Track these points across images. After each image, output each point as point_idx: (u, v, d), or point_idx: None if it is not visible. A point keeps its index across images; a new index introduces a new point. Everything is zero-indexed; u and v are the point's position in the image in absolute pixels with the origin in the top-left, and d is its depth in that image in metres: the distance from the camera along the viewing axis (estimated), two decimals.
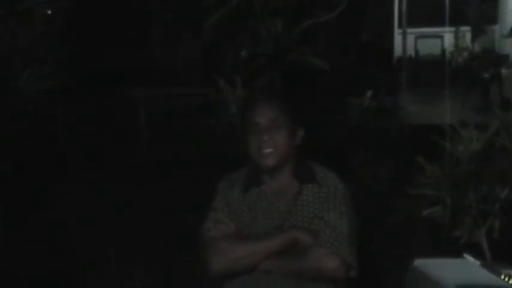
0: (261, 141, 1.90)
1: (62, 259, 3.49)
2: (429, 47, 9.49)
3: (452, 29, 8.91)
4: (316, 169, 1.99)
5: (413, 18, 9.25)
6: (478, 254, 2.18)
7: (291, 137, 1.94)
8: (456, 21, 8.42)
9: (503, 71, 7.54)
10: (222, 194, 2.00)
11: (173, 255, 3.45)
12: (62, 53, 5.18)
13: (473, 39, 8.21)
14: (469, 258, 1.96)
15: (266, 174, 1.96)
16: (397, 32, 9.43)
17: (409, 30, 9.32)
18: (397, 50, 9.34)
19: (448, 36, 9.20)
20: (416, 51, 9.55)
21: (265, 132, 1.90)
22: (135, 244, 3.68)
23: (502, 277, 1.83)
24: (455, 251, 2.31)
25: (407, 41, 9.35)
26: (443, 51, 9.34)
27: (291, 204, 1.95)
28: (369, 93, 4.35)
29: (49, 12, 5.19)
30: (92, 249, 3.63)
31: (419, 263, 2.17)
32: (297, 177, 1.96)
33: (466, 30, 8.56)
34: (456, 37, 8.90)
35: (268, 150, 1.90)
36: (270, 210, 1.95)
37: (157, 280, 3.30)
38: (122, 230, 3.77)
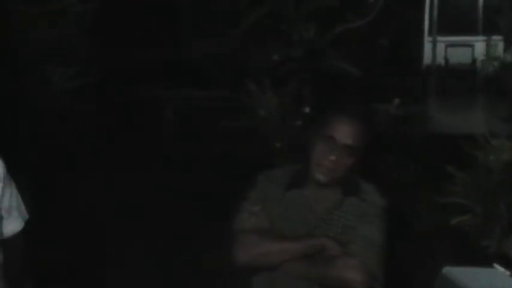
0: (327, 158, 1.89)
1: (92, 250, 3.56)
2: (459, 56, 9.41)
3: (484, 38, 8.82)
4: (359, 182, 2.00)
5: (444, 27, 9.19)
6: (507, 264, 2.15)
7: (355, 161, 1.93)
8: (488, 30, 8.35)
9: None
10: (260, 188, 2.00)
11: (201, 248, 3.48)
12: (93, 52, 5.27)
13: (505, 49, 8.11)
14: (499, 268, 1.94)
15: (312, 181, 1.96)
16: (427, 39, 9.37)
17: (440, 38, 9.24)
18: (427, 57, 9.28)
19: (479, 45, 9.10)
20: (446, 60, 9.48)
21: (336, 153, 1.88)
22: (163, 236, 3.72)
23: None
24: (483, 261, 2.28)
25: (437, 49, 9.27)
26: (473, 60, 9.25)
27: (329, 212, 1.95)
28: (397, 101, 4.32)
29: (81, 11, 5.28)
30: (121, 240, 3.69)
31: (448, 271, 2.15)
32: (340, 188, 1.96)
33: (497, 40, 8.47)
34: (488, 46, 8.82)
35: (329, 170, 1.90)
36: (306, 215, 1.96)
37: (187, 272, 3.33)
38: (145, 223, 3.83)
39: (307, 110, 3.61)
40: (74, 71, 4.87)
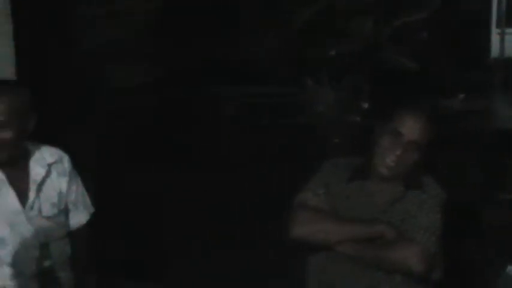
0: (393, 152, 1.90)
1: (154, 244, 3.65)
2: None
3: None
4: (420, 175, 2.00)
5: None
6: None
7: (420, 157, 1.94)
8: None
9: None
10: (325, 173, 2.03)
11: (257, 245, 3.51)
12: (154, 51, 5.40)
13: None
14: None
15: (376, 174, 1.98)
16: (495, 32, 9.06)
17: (508, 30, 8.92)
18: (494, 51, 8.97)
19: None
20: None
21: (402, 149, 1.89)
22: (222, 231, 3.77)
23: None
24: None
25: (506, 42, 8.95)
26: None
27: (390, 205, 1.96)
28: (462, 96, 4.21)
29: (142, 11, 5.41)
30: (181, 234, 3.76)
31: None
32: (402, 181, 1.97)
33: None
34: None
35: (393, 164, 1.91)
36: (367, 207, 1.97)
37: (242, 267, 3.37)
38: (204, 218, 3.89)
39: (365, 105, 3.58)
40: (135, 69, 5.00)
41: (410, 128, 1.90)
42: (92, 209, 2.25)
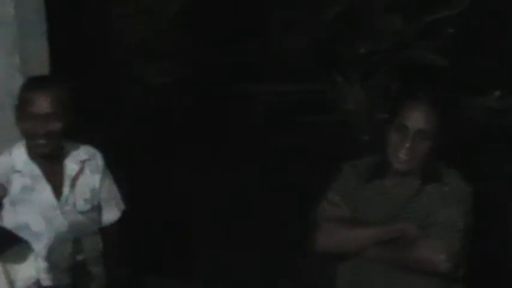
0: (402, 146, 1.89)
1: (185, 241, 3.69)
2: None
3: None
4: (440, 168, 1.98)
5: None
6: None
7: (433, 147, 1.92)
8: None
9: None
10: (343, 177, 2.04)
11: (287, 239, 3.52)
12: (184, 48, 5.43)
13: None
14: None
15: (393, 171, 1.97)
16: None
17: None
18: None
19: None
20: None
21: (410, 140, 1.89)
22: (255, 226, 3.79)
23: None
24: None
25: None
26: None
27: (409, 200, 1.95)
28: (497, 93, 4.14)
29: (173, 7, 5.45)
30: (213, 232, 3.79)
31: None
32: (421, 175, 1.96)
33: None
34: None
35: (406, 157, 1.90)
36: (387, 204, 1.97)
37: (275, 263, 3.38)
38: (237, 215, 3.91)
39: None
40: (165, 66, 5.03)
41: (414, 118, 1.89)
42: (123, 207, 2.28)
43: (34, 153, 2.04)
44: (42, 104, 1.98)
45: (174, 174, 4.43)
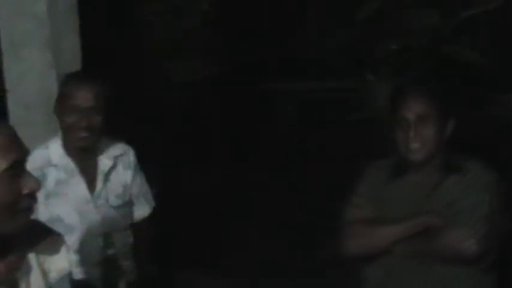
0: (408, 137, 1.89)
1: (214, 237, 3.70)
2: None
3: None
4: (463, 160, 1.97)
5: None
6: None
7: (440, 131, 1.92)
8: None
9: None
10: (366, 179, 2.04)
11: (315, 239, 3.49)
12: (216, 45, 5.44)
13: None
14: None
15: (412, 166, 1.96)
16: None
17: None
18: None
19: None
20: None
21: (412, 128, 1.89)
22: (284, 223, 3.79)
23: None
24: None
25: None
26: None
27: (432, 191, 1.94)
28: None
29: (203, 5, 5.47)
30: (241, 228, 3.80)
31: None
32: (443, 168, 1.95)
33: None
34: None
35: (415, 145, 1.89)
36: (411, 199, 1.96)
37: (307, 262, 3.37)
38: (268, 212, 3.91)
39: None
40: (197, 63, 5.06)
41: (409, 107, 1.89)
42: (153, 203, 2.30)
43: (73, 147, 2.06)
44: (85, 97, 2.01)
45: (204, 171, 4.44)
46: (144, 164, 2.28)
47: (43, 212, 1.95)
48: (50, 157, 2.06)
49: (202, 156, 4.67)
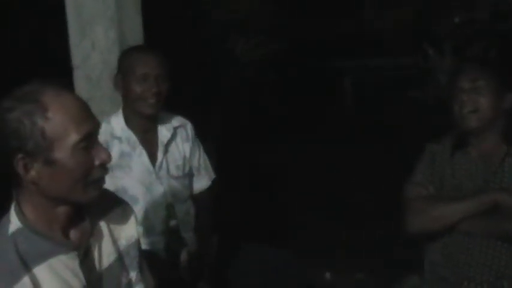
0: (462, 102, 1.88)
1: (271, 209, 3.74)
2: None
3: None
4: None
5: None
6: None
7: (496, 101, 1.88)
8: None
9: None
10: (427, 156, 2.02)
11: (375, 217, 3.48)
12: (276, 23, 5.42)
13: None
14: None
15: (472, 138, 1.93)
16: None
17: None
18: None
19: None
20: None
21: (466, 93, 1.87)
22: (343, 201, 3.78)
23: None
24: None
25: None
26: None
27: (497, 166, 1.90)
28: None
29: None
30: (299, 203, 3.82)
31: None
32: (505, 140, 1.91)
33: None
34: None
35: (468, 110, 1.87)
36: (475, 173, 1.93)
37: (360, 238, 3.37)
38: (326, 190, 3.91)
39: None
40: (257, 41, 5.06)
41: (466, 75, 1.89)
42: (213, 175, 2.34)
43: (142, 115, 2.11)
44: (153, 65, 2.07)
45: (265, 147, 4.47)
46: (205, 138, 2.32)
47: (108, 184, 2.01)
48: (113, 130, 2.12)
49: (263, 131, 4.69)
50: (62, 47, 2.63)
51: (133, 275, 1.46)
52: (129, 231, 1.46)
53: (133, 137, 2.13)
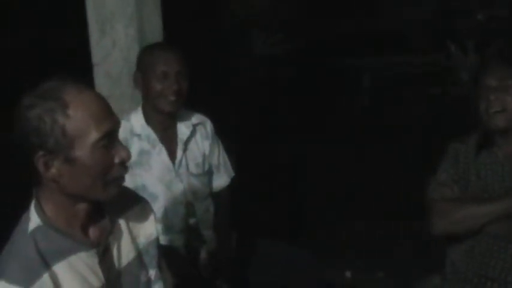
0: (489, 101, 1.84)
1: (288, 207, 3.73)
2: None
3: None
4: None
5: None
6: None
7: None
8: None
9: None
10: (451, 155, 1.98)
11: (394, 218, 3.45)
12: (294, 21, 5.41)
13: None
14: None
15: (498, 137, 1.90)
16: None
17: None
18: None
19: None
20: None
21: (493, 92, 1.84)
22: (364, 199, 3.76)
23: None
24: None
25: None
26: None
27: None
28: None
29: None
30: (318, 199, 3.80)
31: None
32: None
33: None
34: None
35: (495, 109, 1.84)
36: (501, 173, 1.89)
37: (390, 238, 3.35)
38: (343, 185, 3.89)
39: None
40: (276, 38, 5.06)
41: (493, 72, 1.85)
42: (232, 173, 2.34)
43: (162, 113, 2.11)
44: (173, 63, 2.07)
45: (280, 144, 4.46)
46: (223, 135, 2.31)
47: (127, 182, 2.02)
48: (132, 128, 2.12)
49: (280, 129, 4.68)
50: (81, 45, 2.64)
51: (152, 273, 1.46)
52: (149, 229, 1.46)
53: (152, 135, 2.13)
